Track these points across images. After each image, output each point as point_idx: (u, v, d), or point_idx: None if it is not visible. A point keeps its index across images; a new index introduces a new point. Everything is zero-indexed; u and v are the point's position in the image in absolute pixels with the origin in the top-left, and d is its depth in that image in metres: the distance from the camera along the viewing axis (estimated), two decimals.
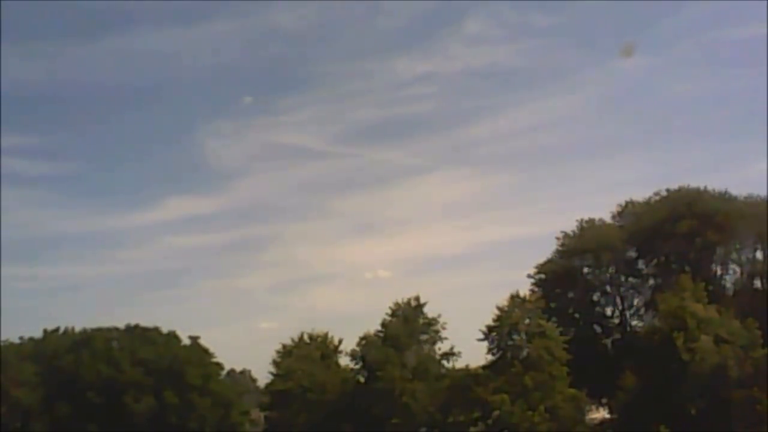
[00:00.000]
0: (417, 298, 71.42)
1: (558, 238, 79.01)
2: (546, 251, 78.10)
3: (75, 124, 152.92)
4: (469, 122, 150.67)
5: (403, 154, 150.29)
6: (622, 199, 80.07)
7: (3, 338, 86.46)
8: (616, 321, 78.65)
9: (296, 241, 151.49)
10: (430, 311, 71.13)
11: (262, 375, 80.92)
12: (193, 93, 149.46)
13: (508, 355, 63.87)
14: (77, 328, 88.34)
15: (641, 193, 79.08)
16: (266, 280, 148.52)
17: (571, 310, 76.19)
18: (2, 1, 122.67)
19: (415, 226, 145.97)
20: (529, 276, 77.32)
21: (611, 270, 78.28)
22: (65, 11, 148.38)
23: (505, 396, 60.68)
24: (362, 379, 71.61)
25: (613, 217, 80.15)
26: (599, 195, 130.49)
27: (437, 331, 70.93)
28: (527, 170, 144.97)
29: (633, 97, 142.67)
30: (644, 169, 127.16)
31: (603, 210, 79.23)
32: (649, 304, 74.01)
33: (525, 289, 67.77)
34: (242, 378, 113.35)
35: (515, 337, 64.16)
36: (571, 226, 78.88)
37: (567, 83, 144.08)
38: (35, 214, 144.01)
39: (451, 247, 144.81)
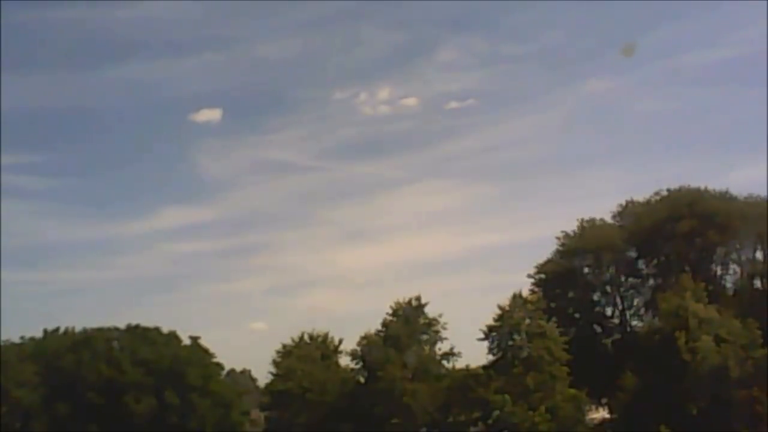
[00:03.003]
0: (418, 298, 71.46)
1: (558, 238, 79.10)
2: (531, 255, 79.23)
3: (76, 144, 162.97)
4: (448, 139, 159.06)
5: (386, 167, 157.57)
6: (600, 207, 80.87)
7: (3, 338, 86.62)
8: (616, 321, 78.61)
9: (289, 248, 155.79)
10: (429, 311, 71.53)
11: (262, 375, 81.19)
12: (185, 114, 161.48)
13: (509, 355, 63.91)
14: (77, 329, 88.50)
15: (616, 201, 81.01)
16: (261, 284, 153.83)
17: (571, 310, 76.16)
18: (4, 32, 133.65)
19: (404, 233, 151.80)
20: (529, 276, 77.48)
21: (611, 270, 78.26)
22: (67, 42, 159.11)
23: (506, 396, 60.75)
24: (362, 379, 71.66)
25: (614, 217, 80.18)
26: (577, 203, 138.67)
27: (437, 332, 71.00)
28: (507, 181, 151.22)
29: (601, 114, 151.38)
30: (617, 179, 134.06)
31: (580, 217, 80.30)
32: (649, 304, 74.05)
33: (512, 292, 67.34)
34: (242, 378, 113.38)
35: (516, 337, 64.20)
36: (551, 232, 79.29)
37: (538, 104, 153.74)
38: (38, 224, 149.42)
39: (439, 252, 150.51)
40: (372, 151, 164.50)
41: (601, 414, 71.28)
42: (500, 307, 64.78)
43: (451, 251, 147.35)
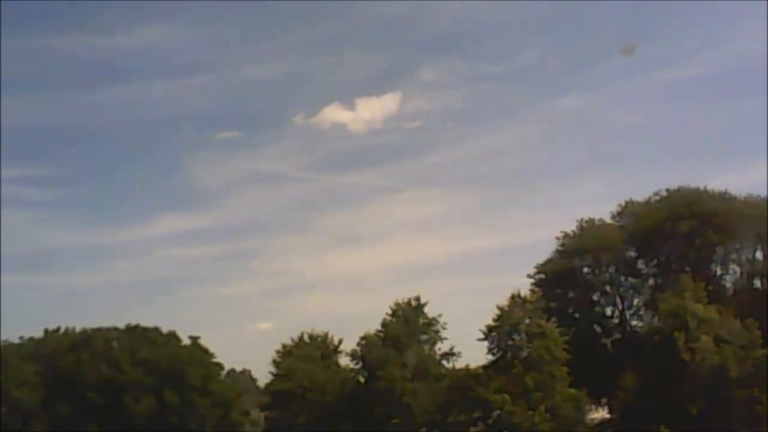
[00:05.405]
0: (417, 299, 71.53)
1: (558, 238, 79.21)
2: (522, 258, 79.88)
3: (76, 158, 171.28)
4: (433, 151, 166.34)
5: (372, 177, 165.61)
6: (580, 214, 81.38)
7: (3, 338, 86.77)
8: (616, 321, 78.67)
9: (284, 253, 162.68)
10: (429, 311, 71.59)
11: (263, 375, 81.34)
12: (180, 131, 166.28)
13: (509, 355, 63.88)
14: (77, 329, 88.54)
15: (599, 208, 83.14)
16: (258, 287, 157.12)
17: (571, 310, 76.17)
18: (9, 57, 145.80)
19: (395, 238, 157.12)
20: (529, 276, 77.56)
21: (611, 270, 78.33)
22: (65, 67, 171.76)
23: (506, 396, 60.65)
24: (362, 379, 71.69)
25: (613, 217, 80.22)
26: (564, 207, 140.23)
27: (437, 331, 71.04)
28: (491, 189, 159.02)
29: (580, 127, 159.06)
30: (596, 187, 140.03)
31: (563, 222, 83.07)
32: (649, 304, 73.97)
33: (506, 294, 67.35)
34: (242, 378, 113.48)
35: (515, 337, 64.16)
36: (538, 236, 80.00)
37: (517, 118, 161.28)
38: (39, 232, 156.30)
39: (431, 256, 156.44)
40: (358, 163, 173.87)
41: (601, 414, 71.28)
42: (499, 307, 64.67)
43: (442, 255, 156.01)
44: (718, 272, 75.53)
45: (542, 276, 77.18)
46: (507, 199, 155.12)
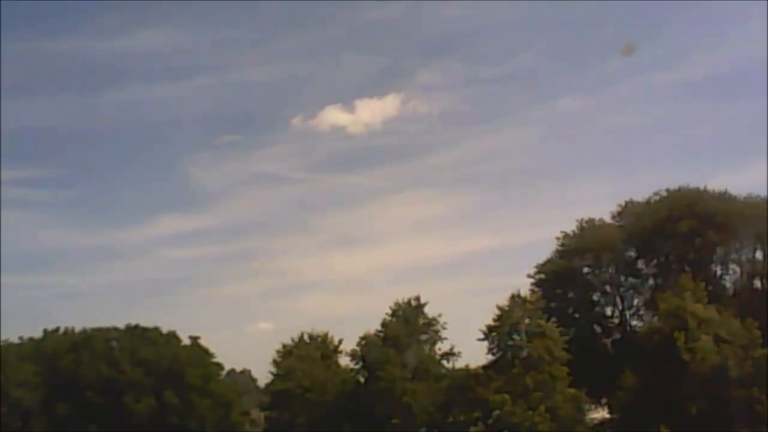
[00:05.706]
0: (417, 298, 71.56)
1: (558, 238, 79.20)
2: (519, 258, 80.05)
3: (79, 160, 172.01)
4: (432, 152, 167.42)
5: (370, 179, 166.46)
6: (580, 214, 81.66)
7: (3, 338, 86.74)
8: (616, 321, 78.68)
9: (284, 253, 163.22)
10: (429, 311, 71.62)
11: (262, 375, 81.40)
12: (180, 132, 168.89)
13: (509, 355, 63.92)
14: (77, 329, 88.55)
15: (599, 208, 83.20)
16: (258, 287, 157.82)
17: (571, 310, 76.14)
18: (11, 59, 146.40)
19: (394, 238, 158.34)
20: (529, 276, 77.56)
21: (611, 270, 78.32)
22: (67, 69, 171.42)
23: (506, 396, 60.73)
24: (362, 379, 71.69)
25: (613, 217, 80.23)
26: (559, 208, 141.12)
27: (437, 331, 71.04)
28: (490, 189, 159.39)
29: (578, 128, 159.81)
30: (596, 187, 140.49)
31: (563, 222, 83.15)
32: (649, 304, 74.03)
33: (506, 294, 67.31)
34: (242, 378, 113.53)
35: (515, 337, 64.20)
36: (535, 237, 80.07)
37: (516, 119, 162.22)
38: (40, 233, 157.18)
39: (430, 256, 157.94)
40: (358, 164, 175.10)
41: (601, 414, 71.28)
42: (499, 307, 64.75)
43: (442, 255, 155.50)
44: (718, 272, 75.58)
45: (542, 276, 77.17)
46: (507, 199, 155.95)
